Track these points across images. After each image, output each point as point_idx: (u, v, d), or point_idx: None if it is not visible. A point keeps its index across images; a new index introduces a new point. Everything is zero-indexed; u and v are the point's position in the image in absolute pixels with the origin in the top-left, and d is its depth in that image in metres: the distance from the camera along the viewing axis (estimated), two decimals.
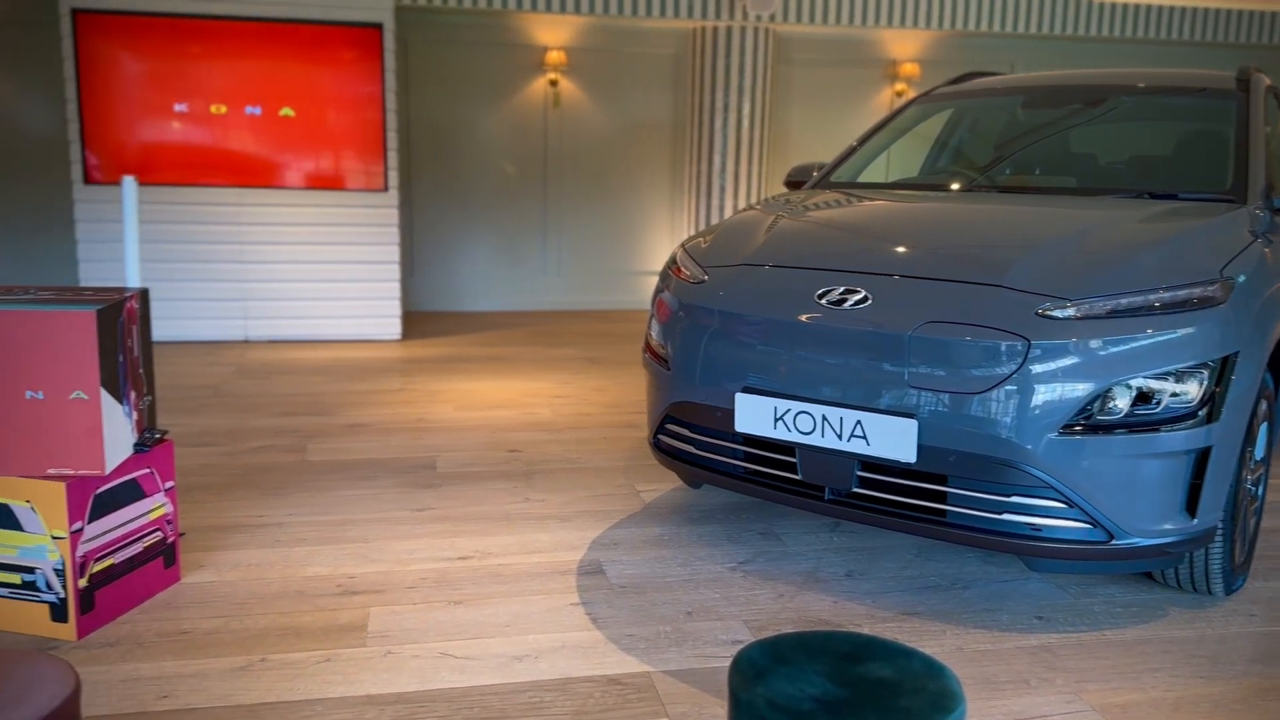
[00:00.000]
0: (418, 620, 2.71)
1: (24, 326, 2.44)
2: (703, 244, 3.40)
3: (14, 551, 2.54)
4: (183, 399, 5.11)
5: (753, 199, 8.24)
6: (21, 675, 1.55)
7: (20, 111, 7.38)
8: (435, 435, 4.54)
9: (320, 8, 6.47)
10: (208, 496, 3.66)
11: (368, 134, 6.67)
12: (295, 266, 6.73)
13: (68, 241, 7.55)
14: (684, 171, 8.54)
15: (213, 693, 2.33)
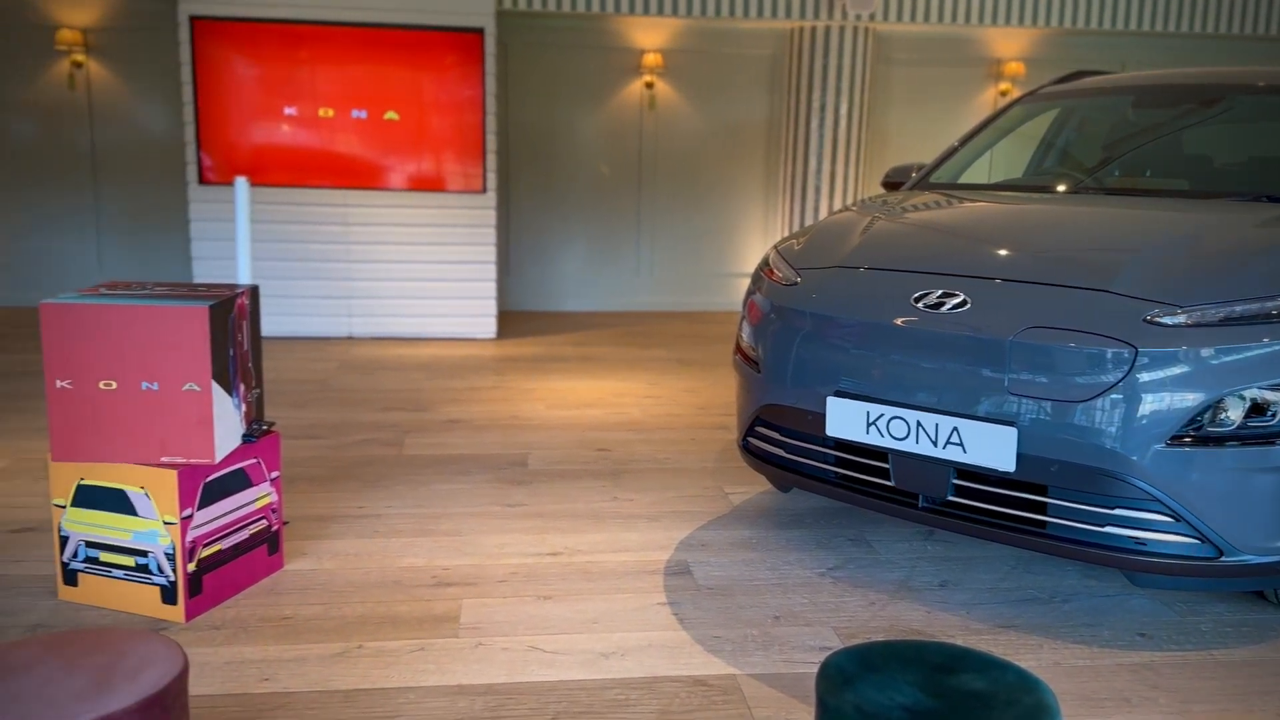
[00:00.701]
0: (508, 613, 2.76)
1: (141, 321, 2.56)
2: (796, 246, 3.38)
3: (128, 535, 2.67)
4: (289, 392, 5.30)
5: (848, 200, 8.13)
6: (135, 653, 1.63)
7: (140, 114, 7.74)
8: (527, 432, 4.60)
9: (425, 13, 6.62)
10: (311, 487, 3.78)
11: (468, 137, 6.81)
12: (397, 266, 6.91)
13: (183, 239, 7.89)
14: (778, 173, 8.48)
15: (311, 677, 2.40)
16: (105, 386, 2.59)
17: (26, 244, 7.79)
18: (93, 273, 7.91)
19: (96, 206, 7.81)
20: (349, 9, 6.56)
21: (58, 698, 1.48)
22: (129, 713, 1.47)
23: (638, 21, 8.07)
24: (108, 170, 7.78)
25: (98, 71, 7.62)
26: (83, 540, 2.71)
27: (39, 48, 7.54)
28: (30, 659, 1.59)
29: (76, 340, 2.56)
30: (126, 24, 7.58)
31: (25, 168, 7.68)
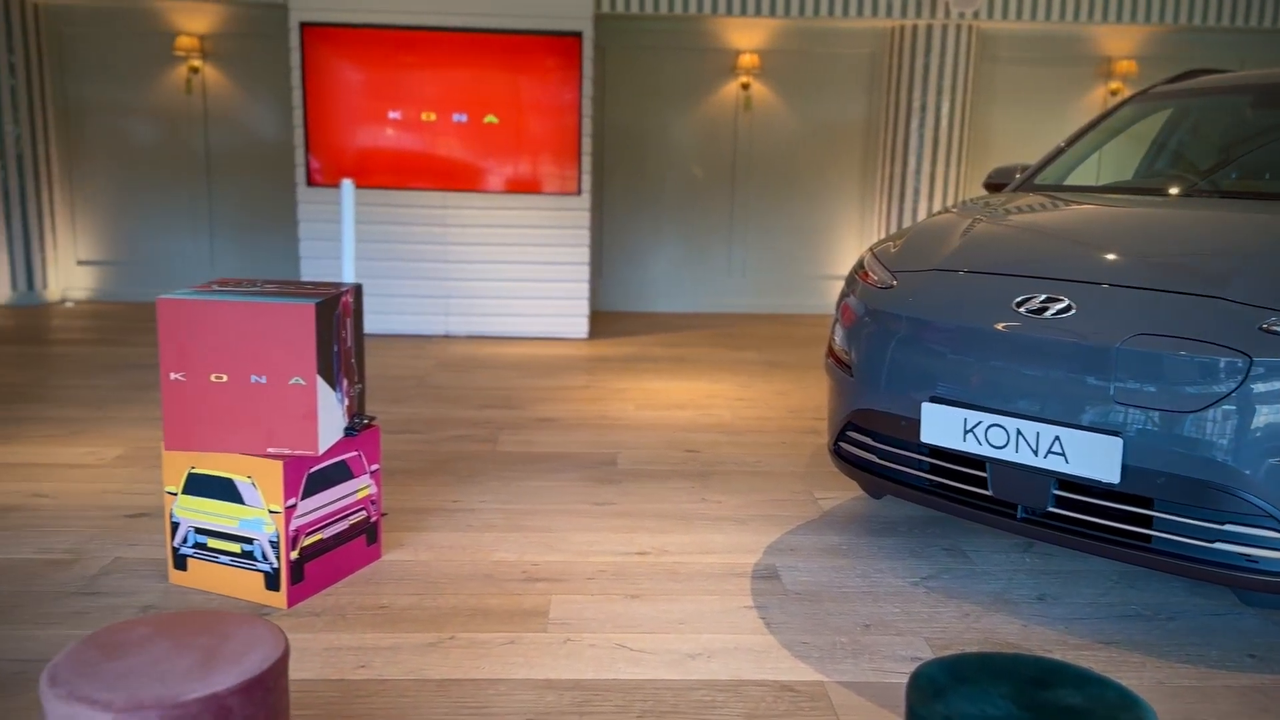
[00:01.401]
0: (596, 611, 2.78)
1: (251, 317, 2.66)
2: (892, 248, 3.33)
3: (235, 523, 2.78)
4: (389, 388, 5.44)
5: (948, 202, 7.97)
6: (239, 636, 1.69)
7: (252, 118, 8.04)
8: (617, 432, 4.63)
9: (524, 18, 6.73)
10: (408, 480, 3.88)
11: (564, 139, 6.88)
12: (493, 266, 7.03)
13: (291, 239, 8.17)
14: (876, 174, 8.35)
15: (406, 666, 2.47)
16: (216, 379, 2.70)
17: (145, 242, 8.16)
18: (205, 270, 8.24)
19: (210, 207, 8.15)
20: (452, 15, 6.71)
21: (166, 676, 1.55)
22: (233, 693, 1.53)
23: (734, 22, 8.05)
24: (220, 172, 8.10)
25: (212, 76, 7.95)
26: (192, 527, 2.83)
27: (159, 54, 7.90)
28: (141, 638, 1.67)
29: (190, 334, 2.68)
30: (240, 30, 7.89)
31: (144, 169, 8.06)
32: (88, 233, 8.12)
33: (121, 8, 7.79)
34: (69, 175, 8.03)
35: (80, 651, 1.62)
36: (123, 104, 7.96)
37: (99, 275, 8.18)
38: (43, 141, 7.76)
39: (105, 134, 8.00)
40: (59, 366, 5.75)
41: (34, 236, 7.75)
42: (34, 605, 2.74)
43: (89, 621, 2.66)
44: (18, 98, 7.53)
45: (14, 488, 3.68)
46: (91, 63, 7.89)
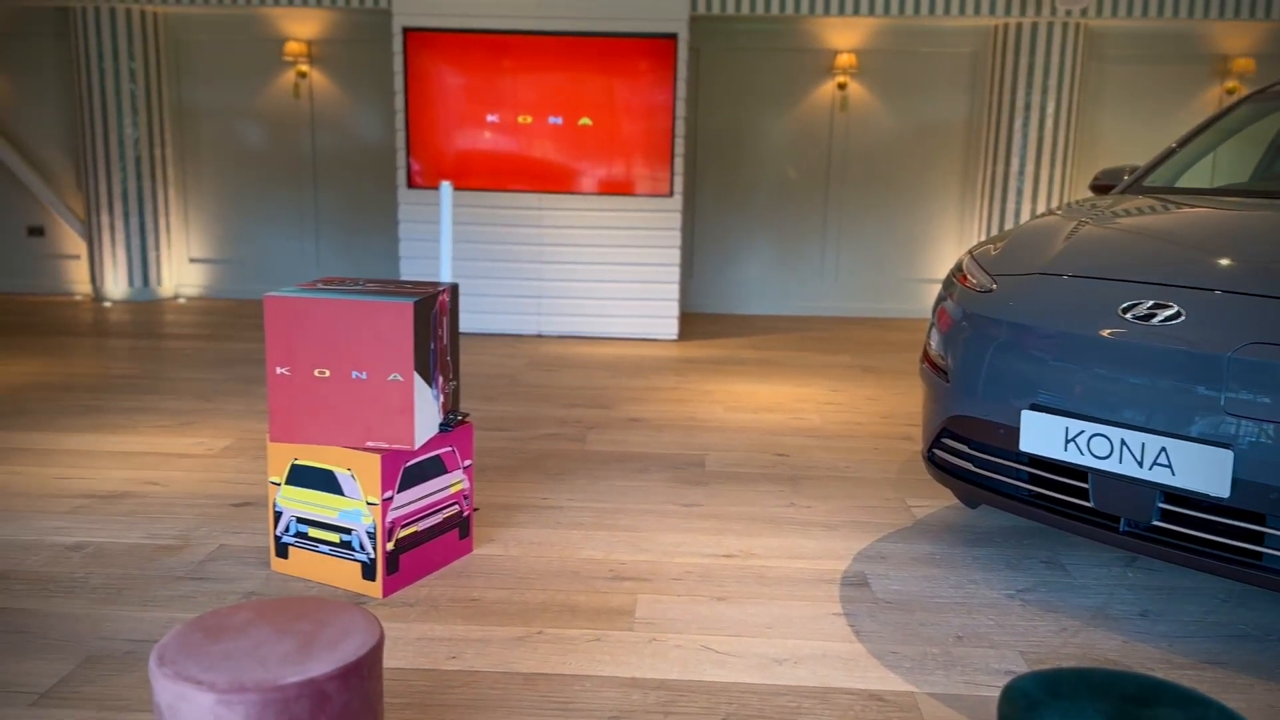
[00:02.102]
0: (681, 611, 2.78)
1: (353, 314, 2.74)
2: (992, 251, 3.25)
3: (335, 514, 2.86)
4: (483, 386, 5.54)
5: (1053, 204, 7.73)
6: (337, 623, 1.74)
7: (356, 121, 8.27)
8: (705, 434, 4.63)
9: (621, 20, 6.77)
10: (499, 476, 3.94)
11: (657, 141, 6.91)
12: (585, 267, 7.09)
13: (392, 239, 8.38)
14: (977, 175, 8.16)
15: (495, 658, 2.51)
16: (319, 374, 2.78)
17: (253, 241, 8.47)
18: (311, 268, 8.51)
19: (316, 207, 8.41)
20: (550, 19, 6.79)
21: (267, 659, 1.61)
22: (330, 678, 1.58)
23: (832, 22, 7.96)
24: (326, 174, 8.36)
25: (319, 81, 8.21)
26: (294, 516, 2.93)
27: (269, 59, 8.19)
28: (244, 622, 1.74)
29: (295, 331, 2.77)
30: (345, 36, 8.12)
31: (254, 171, 8.37)
32: (200, 232, 8.47)
33: (235, 15, 8.11)
34: (183, 177, 8.39)
35: (186, 633, 1.69)
36: (235, 108, 8.27)
37: (210, 273, 8.52)
38: (159, 144, 8.12)
39: (218, 137, 8.33)
40: (171, 360, 6.01)
41: (150, 235, 8.12)
42: (144, 588, 2.87)
43: (195, 605, 2.77)
44: (137, 102, 7.89)
45: (128, 475, 3.86)
46: (206, 68, 8.23)
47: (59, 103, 8.22)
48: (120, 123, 7.86)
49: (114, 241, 8.03)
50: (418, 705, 2.29)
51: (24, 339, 6.49)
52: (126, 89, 7.83)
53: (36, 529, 3.28)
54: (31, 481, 3.74)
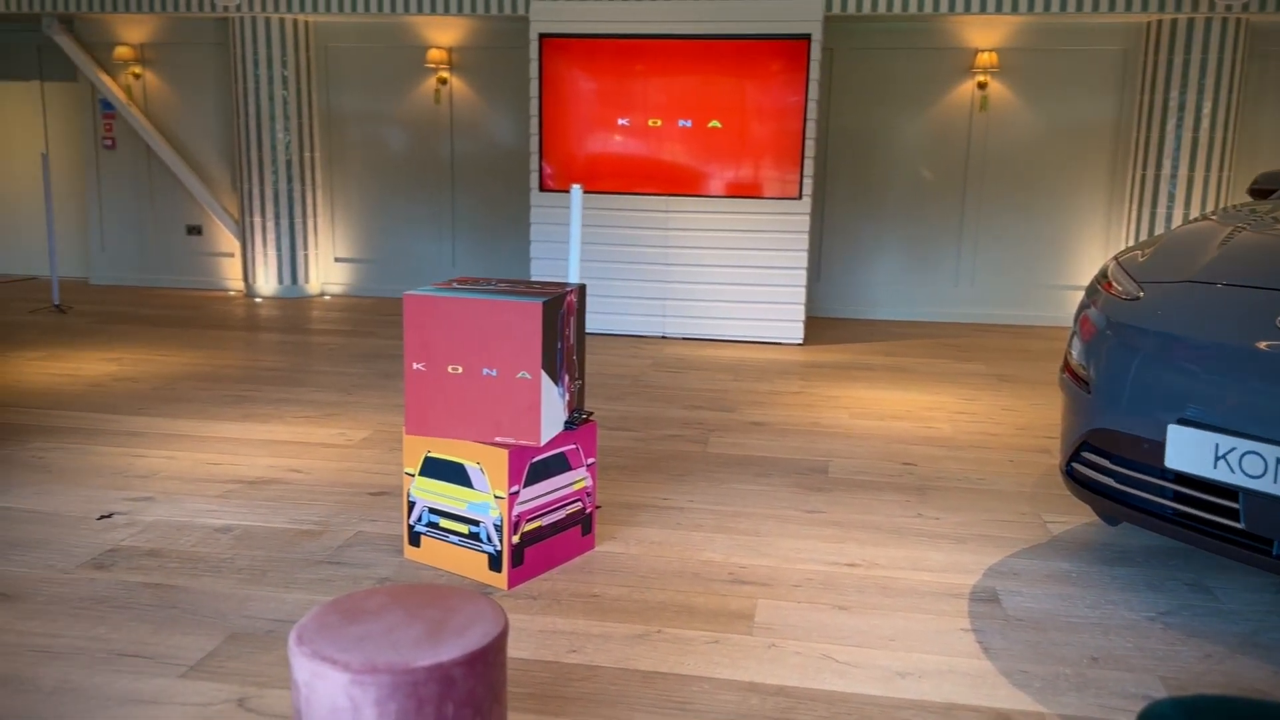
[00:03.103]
0: (802, 618, 2.76)
1: (485, 313, 2.82)
2: (1140, 257, 3.10)
3: (464, 506, 2.95)
4: (607, 386, 5.60)
5: (1207, 209, 7.32)
6: (464, 611, 1.80)
7: (491, 126, 8.50)
8: (829, 440, 4.57)
9: (753, 22, 6.75)
10: (621, 476, 3.98)
11: (787, 143, 6.85)
12: (711, 270, 7.09)
13: (523, 240, 8.57)
14: (1125, 178, 7.80)
15: (614, 654, 2.54)
16: (453, 370, 2.87)
17: (394, 241, 8.80)
18: (447, 268, 8.79)
19: (453, 209, 8.68)
20: (683, 22, 6.83)
21: (399, 642, 1.67)
22: (457, 663, 1.63)
23: (972, 20, 7.73)
24: (463, 177, 8.61)
25: (458, 87, 8.46)
26: (427, 507, 3.03)
27: (412, 66, 8.49)
28: (378, 606, 1.81)
29: (431, 328, 2.87)
30: (484, 43, 8.35)
31: (396, 174, 8.69)
32: (344, 232, 8.85)
33: (381, 24, 8.44)
34: (330, 180, 8.78)
35: (324, 615, 1.77)
36: (379, 113, 8.61)
37: (352, 271, 8.89)
38: (309, 148, 8.52)
39: (363, 141, 8.68)
40: (316, 354, 6.30)
41: (299, 235, 8.53)
42: (286, 570, 3.02)
43: (332, 588, 2.90)
44: (289, 108, 8.30)
45: (274, 462, 4.06)
46: (353, 75, 8.59)
47: (218, 109, 8.72)
48: (273, 128, 8.28)
49: (265, 241, 8.47)
50: (539, 696, 2.34)
51: (182, 332, 6.91)
52: (279, 95, 8.24)
53: (189, 510, 3.49)
54: (186, 466, 3.99)
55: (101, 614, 2.70)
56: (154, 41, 8.66)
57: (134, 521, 3.37)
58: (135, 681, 2.36)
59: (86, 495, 3.62)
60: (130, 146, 8.86)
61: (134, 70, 8.65)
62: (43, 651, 2.49)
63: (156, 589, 2.86)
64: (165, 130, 8.79)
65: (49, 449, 4.15)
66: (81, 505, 3.51)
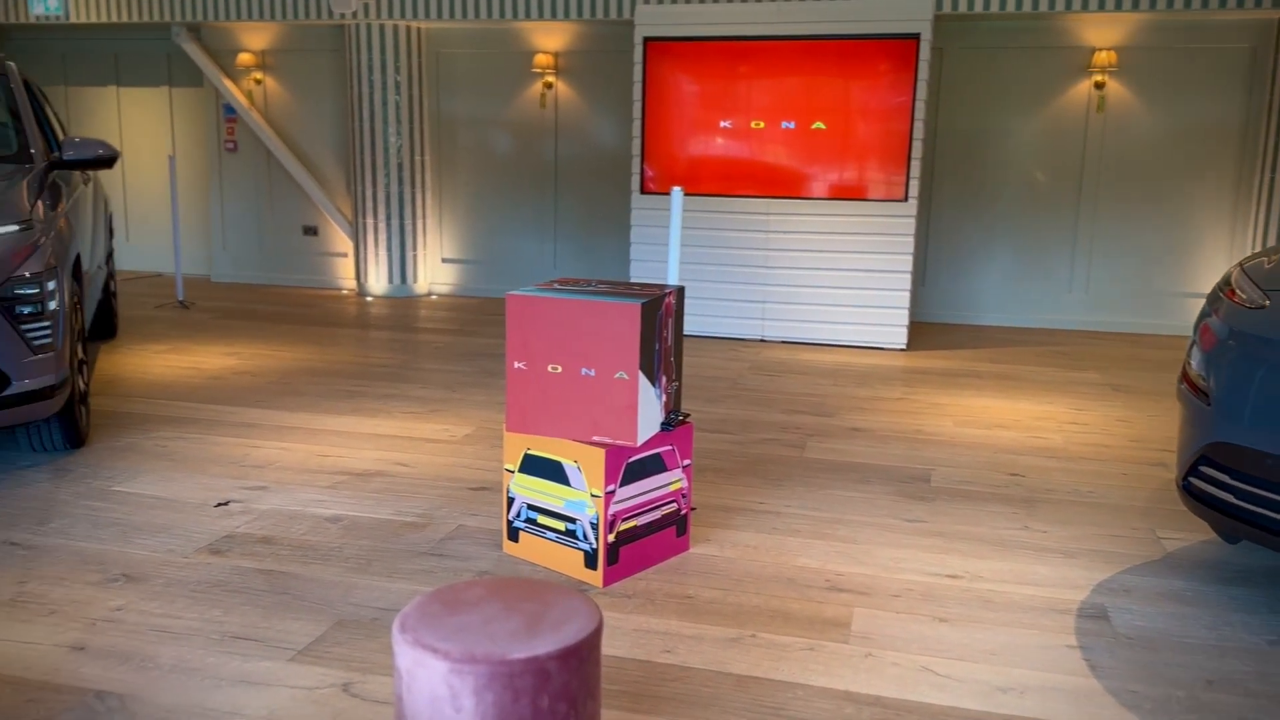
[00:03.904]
0: (900, 629, 2.71)
1: (584, 314, 2.85)
2: (1266, 264, 2.95)
3: (561, 503, 2.99)
4: (703, 388, 5.60)
5: None
6: (560, 606, 1.82)
7: (594, 129, 8.58)
8: (933, 448, 4.47)
9: (861, 23, 6.66)
10: (717, 478, 3.98)
11: (893, 144, 6.74)
12: (812, 273, 7.02)
13: (623, 242, 8.63)
14: (1253, 182, 7.42)
15: (708, 656, 2.54)
16: (552, 370, 2.92)
17: (498, 242, 8.97)
18: (549, 269, 8.91)
19: (556, 211, 8.80)
20: (789, 23, 6.78)
21: (496, 634, 1.71)
22: (552, 657, 1.66)
23: (1090, 18, 7.47)
24: (566, 180, 8.72)
25: (563, 91, 8.57)
26: (526, 503, 3.08)
27: (519, 71, 8.64)
28: (477, 598, 1.85)
29: (532, 327, 2.92)
30: (589, 47, 8.44)
31: (502, 177, 8.85)
32: (451, 234, 9.05)
33: (490, 30, 8.61)
34: (439, 182, 9.00)
35: (426, 604, 1.82)
36: (486, 117, 8.79)
37: (458, 272, 9.09)
38: (419, 152, 8.75)
39: (470, 145, 8.87)
40: (423, 352, 6.46)
41: (408, 236, 8.76)
42: (390, 560, 3.11)
43: (433, 579, 2.98)
44: (400, 113, 8.54)
45: (381, 456, 4.19)
46: (462, 80, 8.79)
47: (334, 114, 9.03)
48: (385, 132, 8.53)
49: (377, 242, 8.72)
50: (632, 694, 2.35)
51: (297, 328, 7.17)
52: (392, 100, 8.49)
53: (301, 500, 3.63)
54: (299, 457, 4.14)
55: (217, 597, 2.83)
56: (275, 48, 9.02)
57: (249, 509, 3.52)
58: (246, 663, 2.47)
59: (205, 483, 3.79)
60: (251, 149, 9.24)
61: (255, 76, 9.02)
62: (162, 631, 2.62)
63: (268, 575, 2.98)
64: (284, 134, 9.14)
65: (171, 438, 4.36)
66: (200, 493, 3.68)
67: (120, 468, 3.94)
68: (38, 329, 3.62)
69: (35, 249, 3.65)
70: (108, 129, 9.83)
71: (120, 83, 9.72)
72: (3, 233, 3.57)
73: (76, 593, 2.83)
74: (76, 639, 2.56)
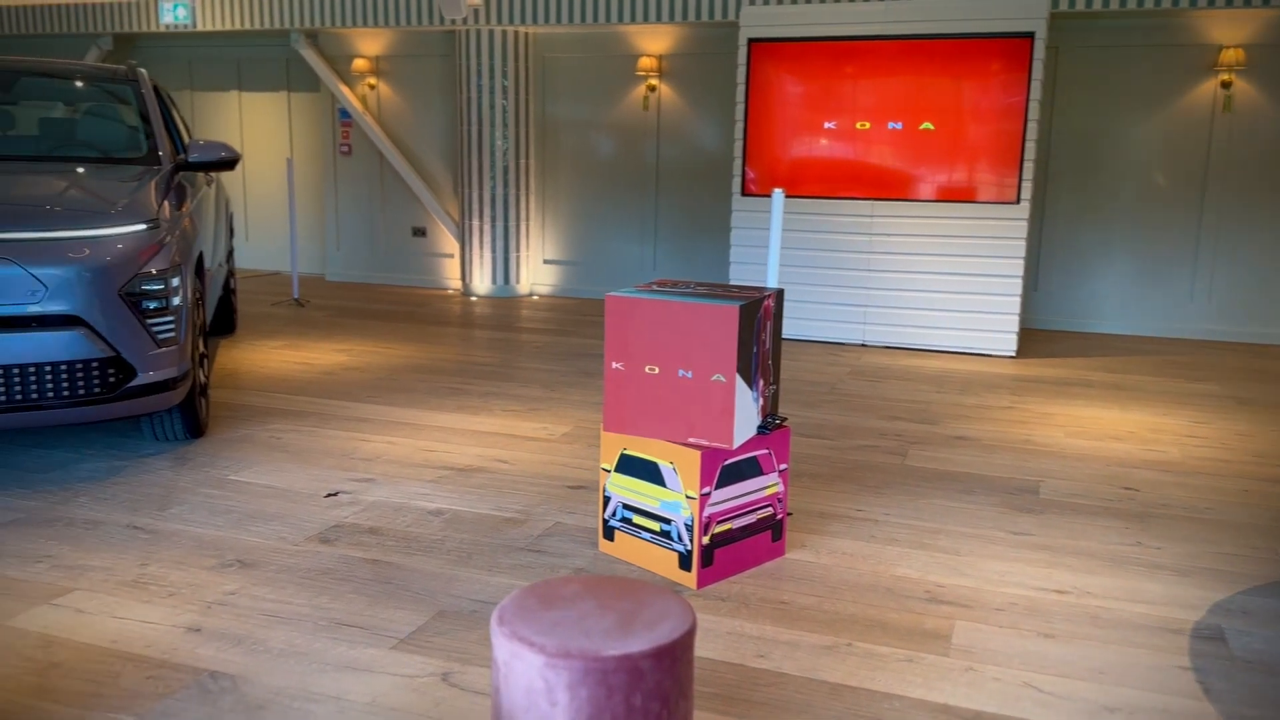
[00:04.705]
0: (1003, 643, 2.64)
1: (683, 316, 2.86)
2: None
3: (656, 503, 3.00)
4: (802, 392, 5.55)
5: None
6: (654, 606, 1.83)
7: (696, 132, 8.59)
8: (1041, 459, 4.33)
9: (973, 21, 6.51)
10: (814, 484, 3.93)
11: (1005, 145, 6.56)
12: (915, 276, 6.88)
13: (722, 244, 8.61)
14: None
15: (802, 663, 2.51)
16: (650, 371, 2.93)
17: (598, 244, 9.05)
18: (648, 270, 8.95)
19: (656, 213, 8.83)
20: (897, 23, 6.67)
21: (591, 631, 1.72)
22: (645, 656, 1.67)
23: (1216, 15, 7.14)
24: (666, 182, 8.75)
25: (667, 93, 8.60)
26: (621, 502, 3.10)
27: (623, 74, 8.70)
28: (573, 594, 1.87)
29: (631, 328, 2.94)
30: (692, 50, 8.45)
31: (603, 179, 8.93)
32: (553, 235, 9.18)
33: (597, 33, 8.70)
34: (543, 185, 9.13)
35: (523, 599, 1.85)
36: (590, 120, 8.88)
37: (559, 273, 9.21)
38: (524, 155, 8.89)
39: (573, 148, 8.98)
40: (523, 351, 6.57)
41: (512, 238, 8.92)
42: (489, 555, 3.17)
43: (530, 574, 3.02)
44: (507, 116, 8.70)
45: (482, 452, 4.27)
46: (567, 84, 8.90)
47: (443, 118, 9.25)
48: (492, 135, 8.70)
49: (481, 243, 8.90)
50: (725, 697, 2.35)
51: (405, 326, 7.37)
52: (499, 104, 8.65)
53: (406, 493, 3.73)
54: (405, 451, 4.25)
55: (324, 585, 2.93)
56: (388, 54, 9.28)
57: (357, 500, 3.63)
58: (351, 650, 2.55)
59: (316, 474, 3.93)
60: (364, 153, 9.54)
61: (369, 81, 9.30)
62: (273, 616, 2.72)
63: (374, 564, 3.07)
64: (395, 138, 9.41)
65: (285, 430, 4.53)
66: (311, 483, 3.82)
67: (236, 458, 4.11)
68: (162, 324, 3.81)
69: (161, 247, 3.84)
70: (230, 132, 10.27)
71: (242, 88, 10.14)
72: (131, 231, 3.77)
73: (194, 576, 2.96)
74: (193, 620, 2.68)
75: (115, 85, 4.99)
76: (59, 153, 4.67)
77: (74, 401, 3.61)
